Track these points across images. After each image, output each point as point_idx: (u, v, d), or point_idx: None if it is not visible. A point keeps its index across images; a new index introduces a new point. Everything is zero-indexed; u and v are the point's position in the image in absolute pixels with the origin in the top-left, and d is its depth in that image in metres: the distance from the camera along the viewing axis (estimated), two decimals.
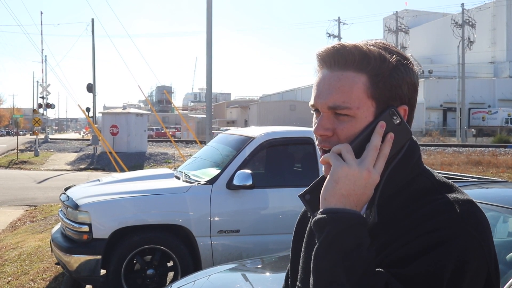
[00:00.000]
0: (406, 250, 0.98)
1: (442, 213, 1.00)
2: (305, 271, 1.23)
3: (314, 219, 1.01)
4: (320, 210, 1.01)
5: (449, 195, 1.04)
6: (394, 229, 1.02)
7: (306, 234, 1.28)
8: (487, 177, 6.05)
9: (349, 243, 0.96)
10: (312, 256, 0.99)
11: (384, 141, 1.05)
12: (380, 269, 0.97)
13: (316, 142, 1.15)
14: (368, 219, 1.03)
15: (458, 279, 0.96)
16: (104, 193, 5.53)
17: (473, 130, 48.78)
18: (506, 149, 28.68)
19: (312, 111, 1.16)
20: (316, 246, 0.99)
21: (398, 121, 1.07)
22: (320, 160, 1.09)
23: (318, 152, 4.92)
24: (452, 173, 7.22)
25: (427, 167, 1.15)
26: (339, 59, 1.09)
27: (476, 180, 5.31)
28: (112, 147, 20.31)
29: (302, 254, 1.26)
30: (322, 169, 1.13)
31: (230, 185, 5.31)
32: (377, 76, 1.07)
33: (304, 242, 1.27)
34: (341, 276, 0.94)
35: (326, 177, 1.11)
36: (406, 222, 1.02)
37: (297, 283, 1.26)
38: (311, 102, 1.13)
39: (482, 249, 0.99)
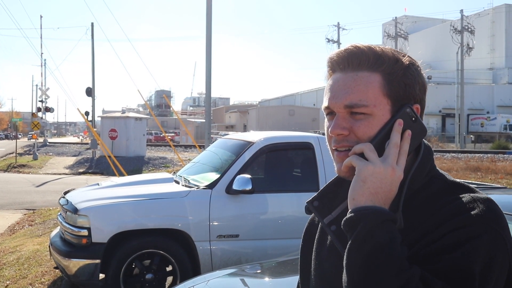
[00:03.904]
0: (436, 246, 0.99)
1: (467, 211, 1.02)
2: (317, 278, 1.23)
3: (344, 219, 1.02)
4: (350, 210, 1.02)
5: (468, 194, 1.06)
6: (417, 228, 1.04)
7: (315, 240, 1.28)
8: (486, 183, 6.06)
9: (382, 238, 0.97)
10: (345, 253, 1.00)
11: (402, 138, 1.07)
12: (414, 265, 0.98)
13: (331, 145, 1.14)
14: None
15: (488, 273, 0.98)
16: (103, 197, 5.53)
17: (471, 136, 48.80)
18: (505, 155, 28.68)
19: (325, 115, 1.16)
20: (349, 243, 0.99)
21: (414, 119, 1.09)
22: (343, 168, 1.09)
23: (318, 157, 4.91)
24: None
25: (440, 170, 1.17)
26: (353, 61, 1.11)
27: (475, 186, 5.32)
28: (111, 151, 20.30)
29: (313, 262, 1.26)
30: (335, 169, 1.14)
31: (229, 190, 5.30)
32: (391, 75, 1.10)
33: (314, 249, 1.27)
34: (376, 271, 0.95)
35: (342, 176, 1.12)
36: (431, 221, 1.03)
37: None
38: (325, 104, 1.14)
39: (505, 244, 1.01)
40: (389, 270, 0.94)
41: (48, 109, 37.23)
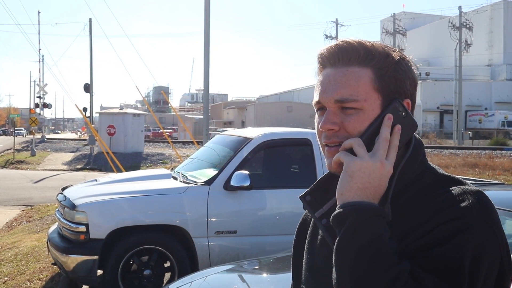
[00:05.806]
0: (425, 240, 0.99)
1: (456, 203, 1.01)
2: (309, 272, 1.24)
3: (333, 214, 1.01)
4: (338, 205, 1.02)
5: (459, 187, 1.06)
6: (408, 222, 1.03)
7: (308, 235, 1.28)
8: (483, 180, 6.07)
9: (371, 233, 0.96)
10: (334, 249, 0.99)
11: (392, 133, 1.07)
12: (403, 259, 0.97)
13: (322, 141, 1.13)
14: None
15: (478, 266, 0.97)
16: (101, 193, 5.53)
17: (469, 132, 48.81)
18: (503, 151, 28.71)
19: (315, 111, 1.16)
20: (337, 239, 0.99)
21: (404, 114, 1.09)
22: (332, 164, 1.09)
23: (316, 153, 4.92)
24: None
25: (431, 164, 1.17)
26: (343, 56, 1.10)
27: (473, 182, 5.33)
28: (109, 147, 20.27)
29: (305, 256, 1.26)
30: (325, 164, 1.14)
31: (227, 186, 5.31)
32: (382, 69, 1.10)
33: (306, 243, 1.27)
34: (365, 267, 0.94)
35: (332, 171, 1.11)
36: (420, 214, 1.03)
37: (301, 285, 1.26)
38: (316, 99, 1.13)
39: (496, 237, 1.01)
40: (378, 266, 0.94)
41: (46, 105, 37.16)
